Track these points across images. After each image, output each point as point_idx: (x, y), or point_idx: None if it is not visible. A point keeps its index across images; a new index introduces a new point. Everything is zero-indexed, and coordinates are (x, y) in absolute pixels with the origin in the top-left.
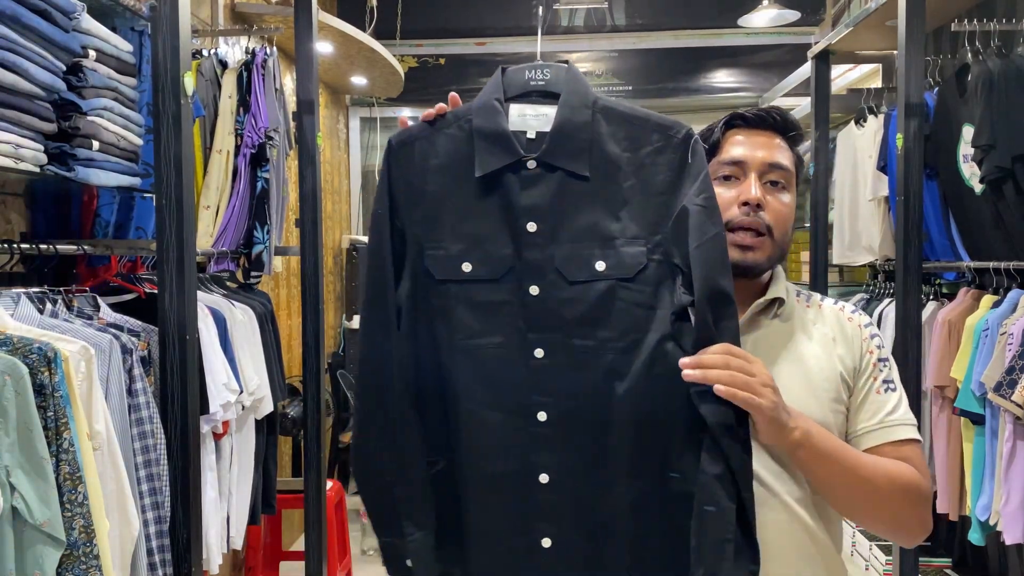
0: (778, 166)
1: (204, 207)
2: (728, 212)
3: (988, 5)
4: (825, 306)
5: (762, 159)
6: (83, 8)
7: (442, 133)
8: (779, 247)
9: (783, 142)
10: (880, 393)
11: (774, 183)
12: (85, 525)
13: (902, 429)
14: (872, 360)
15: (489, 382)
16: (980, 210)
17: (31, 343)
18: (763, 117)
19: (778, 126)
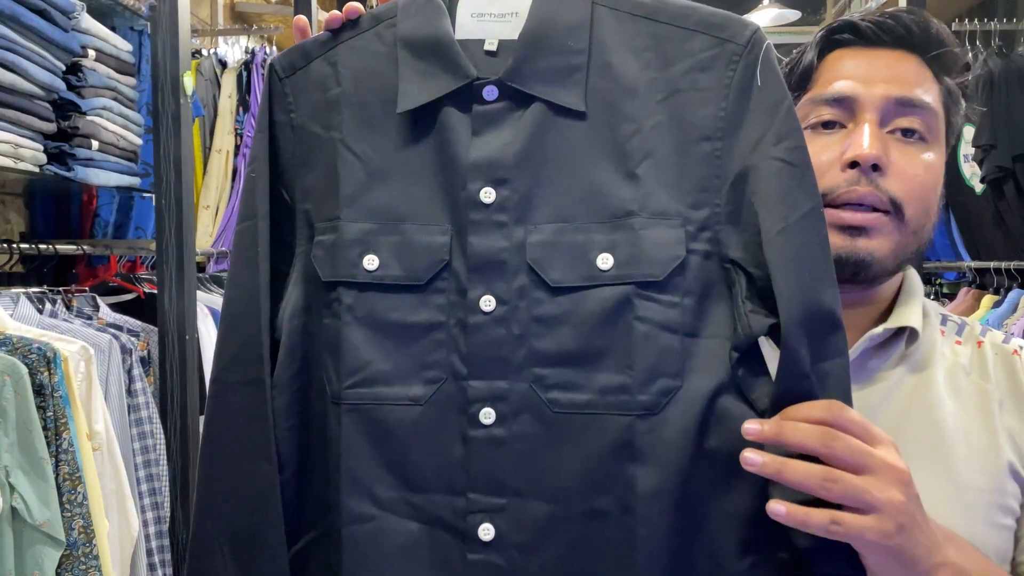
0: (911, 103)
1: (204, 207)
2: (827, 178)
3: (988, 5)
4: (987, 345)
5: (884, 93)
6: (82, 8)
7: (354, 48)
8: (915, 235)
9: (923, 66)
10: None
11: (906, 132)
12: (84, 525)
13: None
14: None
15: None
16: (981, 210)
17: (30, 343)
18: (890, 26)
19: (916, 41)
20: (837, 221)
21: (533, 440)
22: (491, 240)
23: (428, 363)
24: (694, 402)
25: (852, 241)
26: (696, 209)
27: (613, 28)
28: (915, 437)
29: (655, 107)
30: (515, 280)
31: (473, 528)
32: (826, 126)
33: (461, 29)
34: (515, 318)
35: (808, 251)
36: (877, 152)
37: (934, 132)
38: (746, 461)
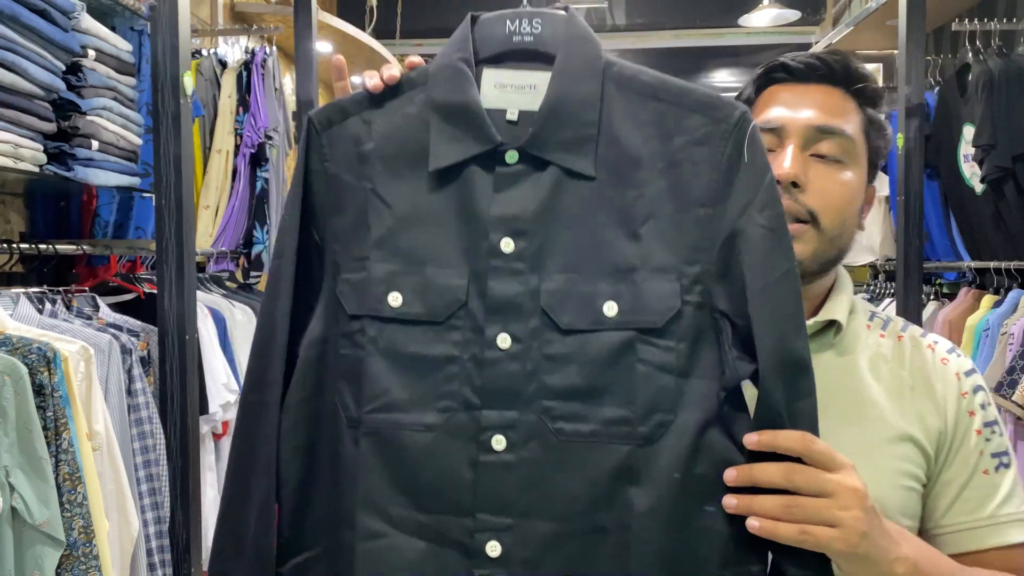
0: (832, 130)
1: (204, 207)
2: None
3: (988, 5)
4: (907, 339)
5: (807, 122)
6: (82, 8)
7: (387, 108)
8: (831, 241)
9: (847, 99)
10: (989, 473)
11: (824, 157)
12: (84, 525)
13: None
14: (975, 425)
15: (409, 488)
16: (981, 210)
17: (30, 343)
18: (815, 65)
19: (838, 77)
20: None
21: (540, 465)
22: (509, 285)
23: (442, 393)
24: (685, 434)
25: None
26: (690, 265)
27: (621, 105)
28: (839, 412)
29: (656, 175)
30: (529, 321)
31: (480, 545)
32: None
33: (485, 98)
34: (528, 355)
35: (784, 307)
36: (795, 171)
37: (852, 155)
38: (725, 505)
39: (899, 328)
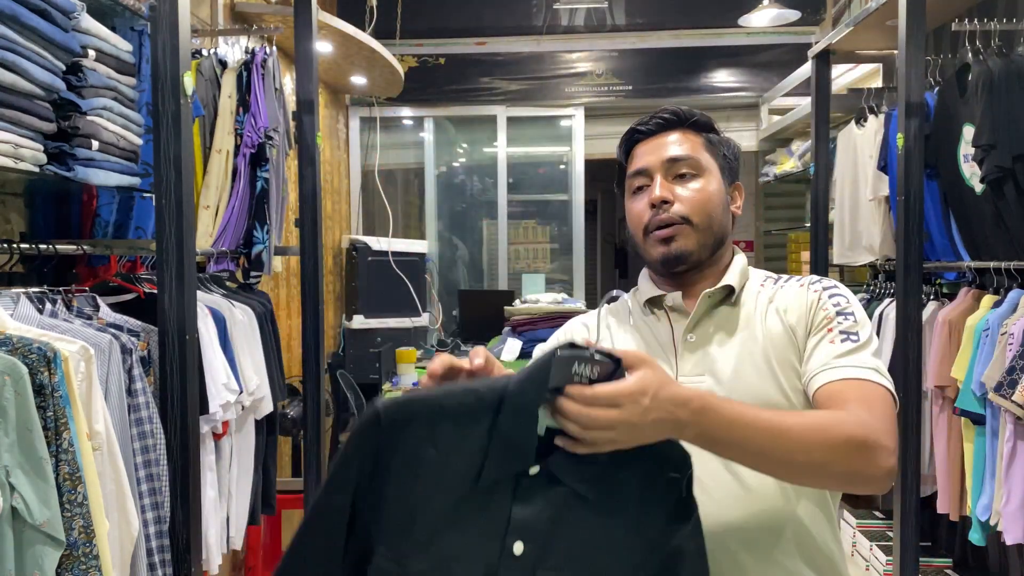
0: (681, 158)
1: (204, 207)
2: (644, 217)
3: (988, 5)
4: (789, 284)
5: (661, 158)
6: (83, 8)
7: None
8: (706, 232)
9: (689, 133)
10: (834, 343)
11: (682, 175)
12: (85, 525)
13: (854, 370)
14: (828, 314)
15: None
16: (981, 210)
17: (30, 343)
18: (659, 122)
19: (677, 122)
20: (656, 238)
21: None
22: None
23: None
24: None
25: (668, 246)
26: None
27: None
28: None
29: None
30: None
31: None
32: (639, 189)
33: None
34: None
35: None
36: (662, 194)
37: (702, 169)
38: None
39: (783, 281)
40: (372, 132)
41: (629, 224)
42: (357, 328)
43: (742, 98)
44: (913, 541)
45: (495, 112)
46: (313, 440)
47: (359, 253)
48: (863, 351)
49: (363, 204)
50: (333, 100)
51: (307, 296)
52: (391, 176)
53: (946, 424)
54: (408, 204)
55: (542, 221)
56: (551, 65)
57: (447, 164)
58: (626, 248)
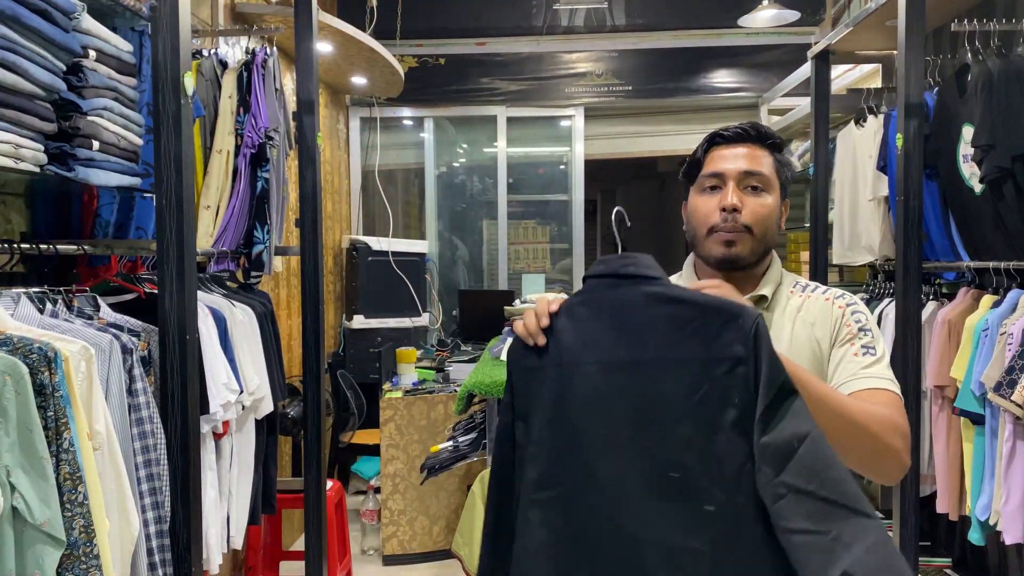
0: (754, 173)
1: (204, 207)
2: (712, 217)
3: (988, 5)
4: (815, 295)
5: (739, 169)
6: (83, 8)
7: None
8: (761, 242)
9: (762, 151)
10: (858, 356)
11: (753, 188)
12: (85, 525)
13: (876, 381)
14: (851, 331)
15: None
16: (980, 210)
17: (31, 343)
18: (740, 133)
19: (755, 138)
20: (719, 239)
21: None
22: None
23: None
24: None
25: (728, 249)
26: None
27: None
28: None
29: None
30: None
31: None
32: (712, 189)
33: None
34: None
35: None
36: (735, 203)
37: (769, 186)
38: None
39: (811, 290)
40: (372, 132)
41: (693, 217)
42: (357, 328)
43: (742, 98)
44: (913, 541)
45: (495, 112)
46: (313, 440)
47: (359, 253)
48: (881, 363)
49: (363, 204)
50: (333, 100)
51: (307, 296)
52: (391, 176)
53: (945, 424)
54: (408, 204)
55: (542, 221)
56: (551, 65)
57: (447, 164)
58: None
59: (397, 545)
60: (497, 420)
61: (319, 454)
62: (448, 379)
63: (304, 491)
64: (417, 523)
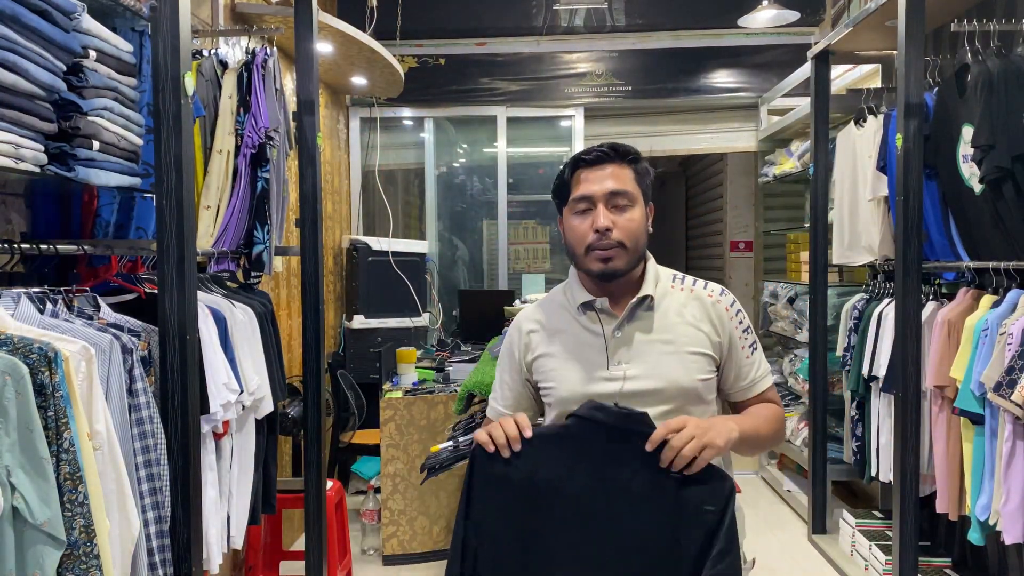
0: (620, 192)
1: (204, 207)
2: (588, 237)
3: (988, 5)
4: (696, 290)
5: (605, 190)
6: (83, 8)
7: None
8: (634, 252)
9: (623, 167)
10: (749, 357)
11: (620, 206)
12: (85, 525)
13: (764, 382)
14: (739, 332)
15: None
16: (980, 210)
17: (31, 343)
18: (600, 155)
19: (615, 157)
20: (596, 257)
21: None
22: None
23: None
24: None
25: (605, 264)
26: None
27: None
28: (659, 340)
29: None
30: None
31: None
32: (583, 212)
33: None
34: None
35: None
36: (606, 223)
37: (634, 200)
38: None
39: (690, 284)
40: (372, 132)
41: (570, 238)
42: (357, 328)
43: (742, 98)
44: (912, 541)
45: (495, 112)
46: (313, 440)
47: (359, 253)
48: (761, 357)
49: (363, 204)
50: (333, 100)
51: (307, 296)
52: (391, 176)
53: (945, 424)
54: (408, 204)
55: (542, 221)
56: (551, 65)
57: (447, 164)
58: None
59: (397, 545)
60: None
61: (319, 454)
62: (448, 379)
63: (304, 491)
64: (417, 523)
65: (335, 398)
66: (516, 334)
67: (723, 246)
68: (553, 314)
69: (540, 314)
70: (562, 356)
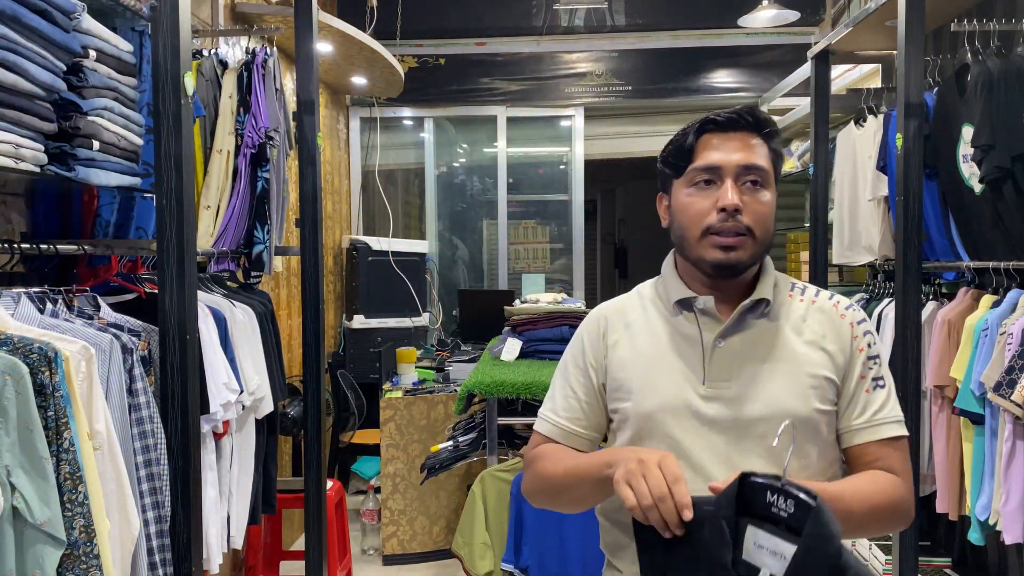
0: (754, 167)
1: (204, 207)
2: (708, 217)
3: (988, 5)
4: (819, 301)
5: (737, 162)
6: (83, 8)
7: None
8: (762, 244)
9: (758, 140)
10: (869, 392)
11: (752, 183)
12: (85, 525)
13: (888, 427)
14: (862, 358)
15: None
16: (980, 210)
17: (31, 343)
18: (735, 119)
19: (752, 125)
20: (718, 243)
21: None
22: None
23: None
24: None
25: (727, 254)
26: None
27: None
28: (773, 359)
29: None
30: None
31: None
32: (706, 183)
33: (745, 550)
34: None
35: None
36: (736, 201)
37: (767, 181)
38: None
39: (812, 294)
40: (372, 132)
41: (681, 217)
42: (357, 328)
43: (741, 98)
44: (912, 540)
45: (495, 112)
46: (313, 440)
47: (359, 253)
48: (890, 398)
49: (363, 204)
50: (333, 100)
51: (307, 296)
52: (391, 176)
53: (945, 424)
54: (408, 204)
55: (542, 221)
56: (551, 65)
57: (447, 164)
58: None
59: (397, 545)
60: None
61: (319, 454)
62: (448, 379)
63: (304, 491)
64: (417, 523)
65: (335, 398)
66: (591, 329)
67: None
68: (639, 310)
69: (622, 309)
70: (645, 363)
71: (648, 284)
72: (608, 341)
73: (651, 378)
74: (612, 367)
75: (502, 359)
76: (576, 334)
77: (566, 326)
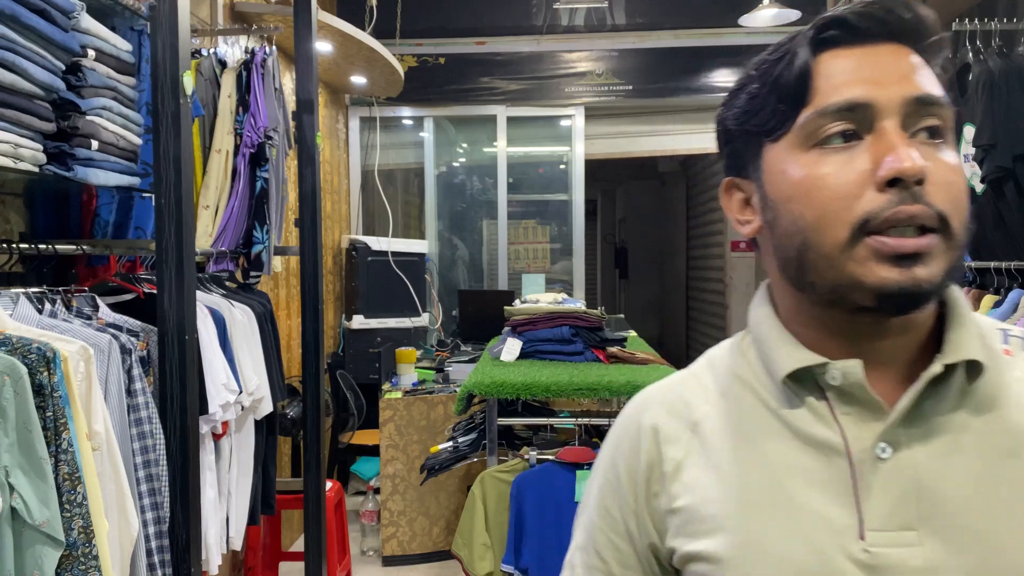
0: (931, 100)
1: (203, 207)
2: (863, 200)
3: (988, 5)
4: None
5: (902, 94)
6: (82, 7)
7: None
8: (959, 251)
9: (920, 59)
10: None
11: (930, 132)
12: (84, 525)
13: None
14: None
15: None
16: (981, 210)
17: (30, 343)
18: (879, 17)
19: (907, 29)
20: (886, 250)
21: None
22: None
23: None
24: None
25: (909, 272)
26: None
27: None
28: (1001, 497)
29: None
30: None
31: None
32: (844, 137)
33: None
34: None
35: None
36: (922, 164)
37: (948, 132)
38: None
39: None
40: (372, 132)
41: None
42: (357, 328)
43: None
44: None
45: (495, 112)
46: (313, 440)
47: (359, 253)
48: None
49: (363, 204)
50: (333, 100)
51: (307, 296)
52: (391, 176)
53: None
54: (408, 204)
55: (542, 221)
56: (551, 65)
57: (447, 164)
58: (626, 248)
59: (397, 546)
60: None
61: (319, 454)
62: (448, 379)
63: (304, 491)
64: (417, 524)
65: (334, 398)
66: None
67: (724, 246)
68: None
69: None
70: (738, 501)
71: (724, 347)
72: (664, 462)
73: (753, 531)
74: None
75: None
76: (604, 448)
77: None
